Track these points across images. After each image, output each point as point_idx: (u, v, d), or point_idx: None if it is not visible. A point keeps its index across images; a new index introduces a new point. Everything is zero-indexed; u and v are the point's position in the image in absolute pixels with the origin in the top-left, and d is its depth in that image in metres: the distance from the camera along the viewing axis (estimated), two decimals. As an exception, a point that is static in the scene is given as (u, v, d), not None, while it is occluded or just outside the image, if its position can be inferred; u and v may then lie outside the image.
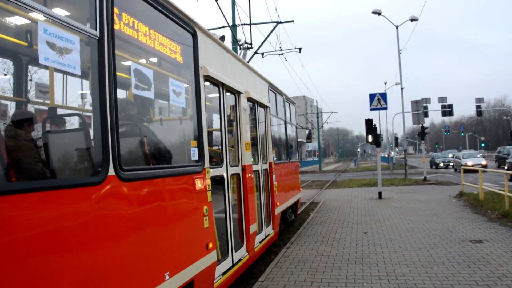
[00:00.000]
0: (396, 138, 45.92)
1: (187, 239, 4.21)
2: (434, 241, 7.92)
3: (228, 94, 6.13)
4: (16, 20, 3.33)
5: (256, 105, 7.68)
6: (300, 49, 17.07)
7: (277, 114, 9.72)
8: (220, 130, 5.67)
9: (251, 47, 11.44)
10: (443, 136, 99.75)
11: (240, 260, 5.91)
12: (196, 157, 4.56)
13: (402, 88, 23.65)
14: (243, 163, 6.37)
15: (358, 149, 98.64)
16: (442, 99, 30.09)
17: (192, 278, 4.18)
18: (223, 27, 17.17)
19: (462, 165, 25.71)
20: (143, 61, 4.15)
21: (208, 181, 4.71)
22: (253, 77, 7.70)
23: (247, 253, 6.22)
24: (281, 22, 16.43)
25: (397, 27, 23.88)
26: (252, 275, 6.81)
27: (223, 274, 5.20)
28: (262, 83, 8.46)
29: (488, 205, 11.81)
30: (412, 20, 23.30)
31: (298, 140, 13.18)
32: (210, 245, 4.65)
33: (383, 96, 15.23)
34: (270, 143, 8.59)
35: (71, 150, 3.17)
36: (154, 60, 4.40)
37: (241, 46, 11.26)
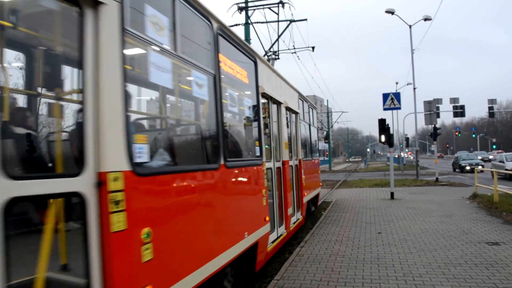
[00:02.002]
0: (407, 139, 45.60)
1: (255, 211, 5.90)
2: (450, 243, 7.84)
3: (274, 105, 7.78)
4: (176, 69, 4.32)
5: (290, 112, 9.20)
6: (313, 47, 17.01)
7: (303, 119, 11.28)
8: (269, 133, 7.26)
9: (278, 58, 11.70)
10: (454, 137, 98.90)
11: (281, 235, 7.53)
12: (258, 153, 6.24)
13: (414, 88, 23.48)
14: (283, 159, 7.94)
15: (368, 149, 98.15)
16: (454, 100, 29.77)
17: (257, 240, 5.76)
18: (236, 25, 17.17)
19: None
20: (230, 85, 5.53)
21: (264, 171, 6.36)
22: (288, 89, 9.22)
23: (285, 230, 7.89)
24: (294, 21, 16.37)
25: (410, 26, 23.70)
26: (267, 273, 6.79)
27: (272, 242, 6.87)
28: (294, 93, 9.96)
29: (503, 207, 11.67)
30: (425, 19, 23.10)
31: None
32: (267, 218, 6.35)
33: (397, 96, 15.12)
34: (300, 143, 10.13)
35: (209, 150, 4.68)
36: (235, 84, 5.74)
37: (269, 57, 11.68)
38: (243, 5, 15.31)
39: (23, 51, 3.39)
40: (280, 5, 11.68)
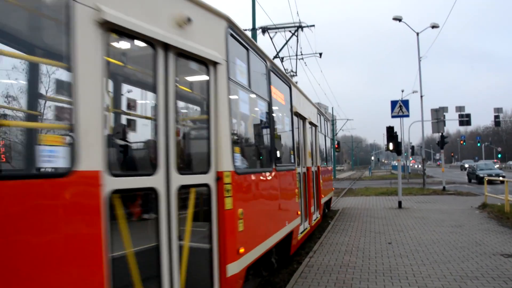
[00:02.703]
0: (412, 147, 45.30)
1: (292, 205, 7.38)
2: (463, 254, 7.60)
3: (301, 120, 9.22)
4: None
5: (311, 125, 10.62)
6: (320, 54, 16.83)
7: (321, 131, 12.73)
8: (298, 143, 8.65)
9: (296, 75, 12.50)
10: (458, 146, 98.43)
11: (306, 228, 8.98)
12: (292, 160, 7.86)
13: (421, 96, 23.28)
14: (307, 165, 9.45)
15: (372, 157, 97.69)
16: (459, 108, 29.49)
17: (292, 229, 7.18)
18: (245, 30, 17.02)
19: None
20: (276, 108, 6.91)
21: (297, 175, 8.03)
22: (310, 105, 10.75)
23: (309, 225, 9.30)
24: (302, 27, 16.20)
25: (417, 34, 23.54)
26: (275, 285, 6.55)
27: (301, 233, 8.33)
28: (314, 109, 11.41)
29: (514, 217, 11.43)
30: (433, 27, 22.93)
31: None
32: (298, 213, 7.87)
33: (405, 103, 14.92)
34: (318, 152, 11.57)
35: (266, 157, 6.18)
36: (279, 106, 7.21)
37: (287, 73, 12.24)
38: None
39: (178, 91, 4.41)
40: (299, 28, 12.07)
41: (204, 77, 4.30)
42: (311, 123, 10.49)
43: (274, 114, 6.61)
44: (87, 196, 2.78)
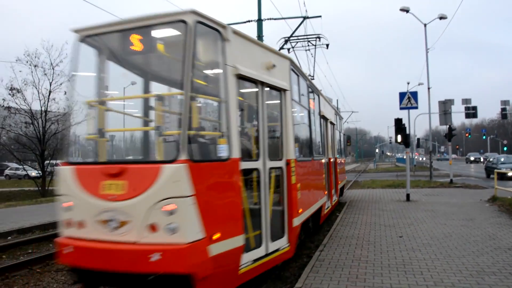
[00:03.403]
0: (418, 140, 45.00)
1: (322, 186, 9.66)
2: (477, 248, 7.42)
3: (324, 121, 11.11)
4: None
5: (331, 124, 12.69)
6: (327, 45, 16.54)
7: (337, 128, 14.96)
8: (323, 139, 10.83)
9: (313, 78, 13.01)
10: (463, 138, 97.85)
11: (328, 206, 10.84)
12: (321, 153, 10.28)
13: (429, 88, 22.98)
14: (328, 157, 11.49)
15: (377, 150, 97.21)
16: (466, 101, 29.19)
17: (321, 205, 9.21)
18: (249, 21, 16.81)
19: None
20: (312, 114, 9.03)
21: (327, 163, 10.92)
22: (329, 107, 13.01)
23: (330, 204, 11.32)
24: (308, 17, 15.98)
25: (425, 25, 23.19)
26: (286, 279, 6.40)
27: (326, 209, 10.35)
28: (332, 110, 13.77)
29: (526, 211, 11.24)
30: (440, 18, 22.57)
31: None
32: (325, 192, 10.12)
33: (414, 95, 14.67)
34: (336, 146, 13.98)
35: (308, 150, 8.33)
36: (313, 112, 9.33)
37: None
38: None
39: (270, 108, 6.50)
40: (317, 39, 13.05)
41: (278, 99, 6.40)
42: (331, 122, 12.66)
43: (311, 119, 8.87)
44: (235, 169, 4.94)
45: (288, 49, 16.11)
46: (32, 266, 7.75)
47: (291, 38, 12.91)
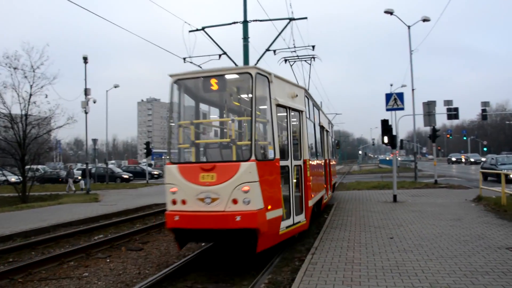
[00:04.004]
0: (401, 141, 45.39)
1: (322, 180, 12.31)
2: (468, 248, 7.41)
3: (322, 129, 13.21)
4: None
5: (326, 131, 14.76)
6: (313, 46, 16.51)
7: (330, 134, 17.89)
8: (321, 144, 12.86)
9: (308, 89, 13.21)
10: (445, 140, 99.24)
11: (326, 198, 13.13)
12: (320, 154, 12.20)
13: (413, 90, 23.14)
14: (325, 158, 13.76)
15: (360, 152, 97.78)
16: (447, 102, 29.42)
17: (322, 195, 11.75)
18: (234, 23, 16.67)
19: None
20: (316, 125, 11.52)
21: (324, 163, 13.17)
22: (325, 118, 15.51)
23: (327, 197, 13.67)
24: (294, 19, 15.87)
25: (409, 27, 23.38)
26: (279, 284, 6.27)
27: (325, 199, 12.75)
28: (326, 119, 16.08)
29: (512, 210, 11.32)
30: (424, 20, 22.80)
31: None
32: (325, 185, 12.63)
33: (400, 96, 14.72)
34: (330, 149, 16.44)
35: (316, 153, 11.25)
36: (314, 124, 11.21)
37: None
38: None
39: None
40: (312, 59, 13.72)
41: (298, 118, 9.00)
42: (326, 130, 14.83)
43: (316, 129, 11.44)
44: (277, 165, 7.41)
45: (274, 51, 16.05)
46: (13, 276, 7.45)
47: (289, 58, 13.92)
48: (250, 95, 7.48)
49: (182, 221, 7.18)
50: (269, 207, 7.06)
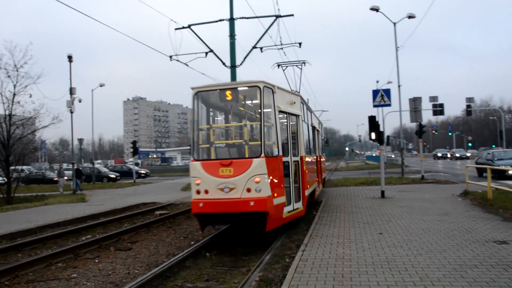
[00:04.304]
0: (388, 137, 45.75)
1: (315, 175, 13.81)
2: (457, 242, 7.49)
3: (313, 129, 14.49)
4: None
5: (317, 131, 16.33)
6: (300, 43, 16.54)
7: (321, 133, 19.38)
8: (313, 142, 14.40)
9: (299, 93, 13.66)
10: (430, 135, 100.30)
11: (318, 190, 14.92)
12: (312, 151, 13.80)
13: (399, 86, 23.29)
14: (317, 154, 15.32)
15: (347, 148, 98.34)
16: (433, 98, 29.78)
17: (315, 187, 13.46)
18: (221, 20, 16.61)
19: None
20: (309, 126, 13.32)
21: (316, 160, 14.69)
22: (316, 119, 17.29)
23: (319, 189, 15.56)
24: (280, 16, 15.89)
25: (394, 24, 23.52)
26: (270, 281, 6.26)
27: (317, 191, 14.39)
28: (317, 120, 18.00)
29: (497, 204, 11.48)
30: (409, 17, 22.97)
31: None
32: (317, 179, 14.29)
33: (387, 92, 14.81)
34: (321, 147, 18.19)
35: (311, 151, 13.29)
36: (309, 125, 13.04)
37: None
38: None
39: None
40: (303, 64, 13.91)
41: (295, 121, 10.34)
42: (317, 130, 16.20)
43: (309, 129, 13.01)
44: (280, 161, 8.97)
45: (261, 48, 16.05)
46: None
47: (282, 64, 14.07)
48: (259, 104, 9.09)
49: (205, 207, 8.65)
50: (275, 194, 8.64)
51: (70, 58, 26.09)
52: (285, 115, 9.85)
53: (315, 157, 14.35)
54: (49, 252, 9.10)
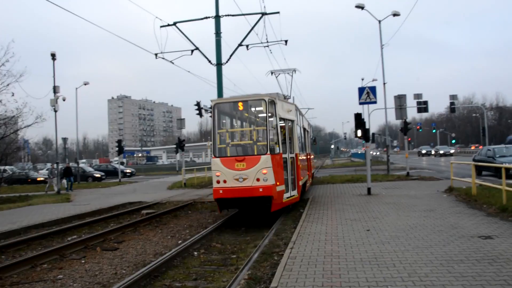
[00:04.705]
0: (373, 135, 46.07)
1: (306, 169, 16.44)
2: (443, 238, 7.57)
3: (304, 130, 16.49)
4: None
5: (306, 132, 18.19)
6: (286, 41, 16.57)
7: (310, 133, 21.94)
8: (304, 142, 16.31)
9: (289, 97, 15.94)
10: (415, 132, 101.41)
11: (309, 183, 17.46)
12: (303, 149, 16.17)
13: (384, 83, 23.44)
14: (307, 152, 17.56)
15: (332, 146, 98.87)
16: (417, 96, 30.00)
17: (306, 180, 15.92)
18: (206, 17, 16.53)
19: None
20: (301, 128, 15.79)
21: (307, 157, 17.13)
22: (306, 121, 19.01)
23: (309, 181, 18.18)
24: (266, 14, 15.89)
25: (379, 22, 23.66)
26: (259, 279, 6.25)
27: (308, 183, 16.95)
28: (307, 121, 20.00)
29: (481, 199, 11.62)
30: (394, 15, 23.12)
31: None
32: (308, 173, 17.48)
33: (373, 90, 14.90)
34: (310, 146, 21.13)
35: (302, 149, 15.82)
36: (300, 127, 15.48)
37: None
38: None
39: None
40: (294, 72, 15.98)
41: (291, 125, 12.62)
42: (306, 130, 18.47)
43: (300, 131, 14.89)
44: (281, 157, 11.40)
45: (247, 46, 16.00)
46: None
47: (275, 71, 16.12)
48: (264, 113, 11.51)
49: (224, 193, 10.98)
50: (278, 183, 10.97)
51: (53, 56, 25.65)
52: (284, 121, 12.03)
53: (306, 154, 16.96)
54: (34, 253, 8.96)
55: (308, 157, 18.18)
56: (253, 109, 12.82)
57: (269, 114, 11.33)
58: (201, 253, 8.69)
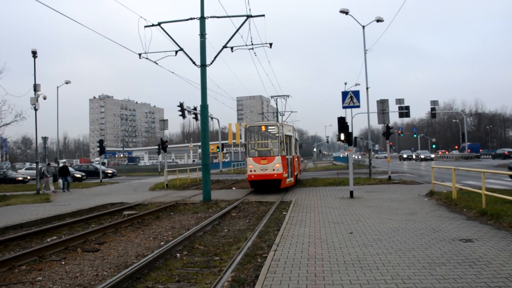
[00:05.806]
0: (355, 138, 46.44)
1: (296, 167, 23.94)
2: (425, 241, 7.67)
3: (293, 138, 22.78)
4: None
5: (296, 140, 25.73)
6: (270, 44, 16.60)
7: (298, 140, 28.71)
8: (294, 147, 23.15)
9: (283, 115, 26.10)
10: (396, 137, 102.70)
11: (299, 176, 26.21)
12: (295, 153, 23.55)
13: (367, 88, 23.69)
14: (298, 155, 27.45)
15: (315, 149, 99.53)
16: (399, 101, 30.41)
17: (295, 175, 22.62)
18: (191, 19, 16.45)
19: None
20: (294, 138, 23.81)
21: (298, 158, 27.43)
22: (294, 130, 24.04)
23: (299, 174, 27.16)
24: (252, 16, 15.90)
25: (363, 27, 23.92)
26: (243, 281, 6.22)
27: (298, 176, 25.15)
28: (297, 132, 28.64)
29: (462, 203, 11.81)
30: (377, 21, 23.40)
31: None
32: (299, 168, 27.96)
33: (356, 94, 15.03)
34: (298, 150, 28.13)
35: (293, 152, 23.23)
36: (293, 137, 23.08)
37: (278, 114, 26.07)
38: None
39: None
40: (288, 97, 26.86)
41: (290, 138, 21.09)
42: (296, 139, 25.31)
43: (294, 141, 22.65)
44: (286, 158, 19.12)
45: (232, 48, 15.97)
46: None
47: (274, 96, 27.26)
48: (277, 132, 19.51)
49: (255, 177, 18.50)
50: (284, 172, 18.28)
51: (34, 53, 25.20)
52: (287, 136, 19.64)
53: (297, 156, 26.20)
54: (12, 255, 8.75)
55: (299, 158, 28.48)
56: (270, 130, 21.66)
57: (280, 133, 19.07)
58: (184, 255, 8.61)
